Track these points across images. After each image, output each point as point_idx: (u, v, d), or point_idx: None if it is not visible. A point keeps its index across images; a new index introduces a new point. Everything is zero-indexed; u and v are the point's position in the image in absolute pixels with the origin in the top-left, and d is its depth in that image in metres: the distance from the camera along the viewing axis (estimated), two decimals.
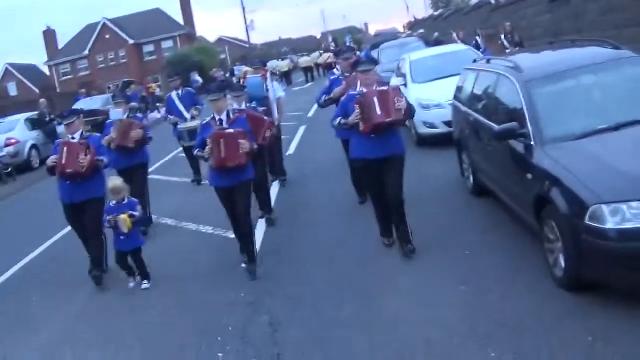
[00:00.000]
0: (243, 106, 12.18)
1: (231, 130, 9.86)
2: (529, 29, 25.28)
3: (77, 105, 39.08)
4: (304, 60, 61.64)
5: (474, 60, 12.19)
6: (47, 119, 29.21)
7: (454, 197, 11.68)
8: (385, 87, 9.64)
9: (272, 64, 66.61)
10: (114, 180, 10.53)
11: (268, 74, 15.14)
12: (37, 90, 73.23)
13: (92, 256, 11.05)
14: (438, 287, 8.08)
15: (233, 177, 9.97)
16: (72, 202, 10.94)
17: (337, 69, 13.66)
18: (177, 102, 17.30)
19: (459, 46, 20.39)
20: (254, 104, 12.79)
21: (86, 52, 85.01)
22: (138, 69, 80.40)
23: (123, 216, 10.06)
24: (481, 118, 10.22)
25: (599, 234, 6.42)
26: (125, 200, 10.42)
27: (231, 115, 10.25)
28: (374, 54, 33.44)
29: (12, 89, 78.86)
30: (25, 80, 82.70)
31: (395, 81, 18.51)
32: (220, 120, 10.12)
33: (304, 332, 7.67)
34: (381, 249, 9.88)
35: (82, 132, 11.08)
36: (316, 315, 8.08)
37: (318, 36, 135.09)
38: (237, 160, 9.76)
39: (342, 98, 10.39)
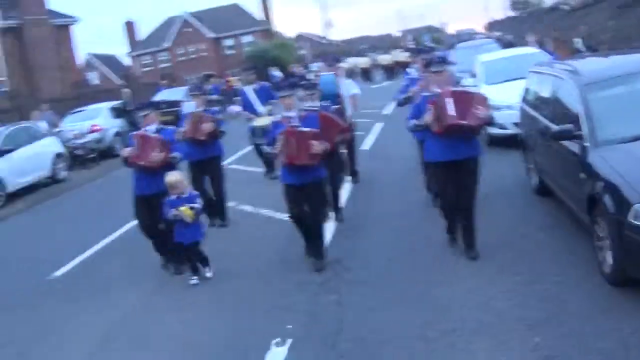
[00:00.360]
0: (316, 104, 12.08)
1: (303, 129, 9.84)
2: (598, 34, 25.43)
3: (158, 97, 40.38)
4: (384, 58, 61.82)
5: (539, 63, 12.51)
6: (130, 108, 30.28)
7: (517, 196, 12.11)
8: (466, 90, 9.63)
9: (352, 61, 67.39)
10: (171, 175, 10.42)
11: (341, 72, 14.99)
12: (118, 81, 74.90)
13: (168, 251, 11.17)
14: (494, 276, 8.58)
15: (304, 175, 9.93)
16: (144, 193, 11.00)
17: (414, 69, 13.69)
18: (251, 96, 17.21)
19: (530, 49, 20.69)
20: (326, 102, 12.57)
21: (167, 44, 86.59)
22: (218, 62, 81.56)
23: (183, 208, 10.08)
24: (543, 119, 10.65)
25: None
26: (186, 194, 10.37)
27: (302, 113, 10.28)
28: (452, 53, 33.93)
29: (94, 79, 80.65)
30: (106, 71, 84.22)
31: (468, 82, 18.98)
32: (291, 118, 10.10)
33: (366, 310, 8.30)
34: (442, 242, 10.07)
35: (157, 126, 11.19)
36: (378, 295, 8.71)
37: (397, 34, 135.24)
38: (307, 160, 9.72)
39: (417, 100, 10.07)
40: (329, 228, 11.76)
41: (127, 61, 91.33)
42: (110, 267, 12.19)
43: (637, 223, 6.87)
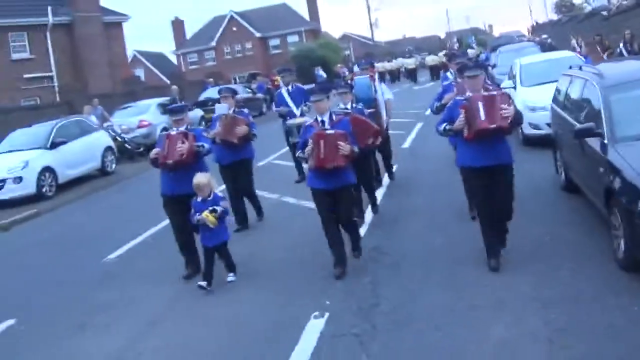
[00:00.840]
0: (349, 106, 12.49)
1: (332, 131, 9.81)
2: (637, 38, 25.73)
3: (205, 94, 41.30)
4: (431, 59, 62.69)
5: (570, 67, 13.09)
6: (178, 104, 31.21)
7: (546, 192, 12.71)
8: (493, 93, 9.26)
9: (399, 61, 68.09)
10: (197, 177, 10.36)
11: (376, 75, 14.80)
12: (163, 78, 75.99)
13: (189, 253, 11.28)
14: (517, 263, 9.22)
15: (333, 180, 9.91)
16: (173, 194, 11.05)
17: (451, 73, 13.78)
18: (287, 98, 17.12)
19: (566, 53, 21.23)
20: (360, 105, 12.81)
21: (213, 43, 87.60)
22: (263, 62, 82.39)
23: (205, 213, 10.05)
24: (570, 119, 11.27)
25: None
26: (211, 196, 10.34)
27: (334, 117, 10.24)
28: (493, 56, 34.42)
29: (140, 75, 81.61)
30: (152, 68, 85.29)
31: (506, 84, 19.58)
32: (323, 122, 10.11)
33: (399, 290, 9.10)
34: (474, 236, 9.93)
35: (187, 127, 11.23)
36: (410, 278, 9.46)
37: (442, 36, 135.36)
38: (336, 162, 9.66)
39: (449, 103, 9.94)
40: (364, 224, 12.26)
41: (173, 59, 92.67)
42: (156, 254, 12.96)
43: None
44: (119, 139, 27.27)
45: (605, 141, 9.03)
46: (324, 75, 55.45)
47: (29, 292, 11.81)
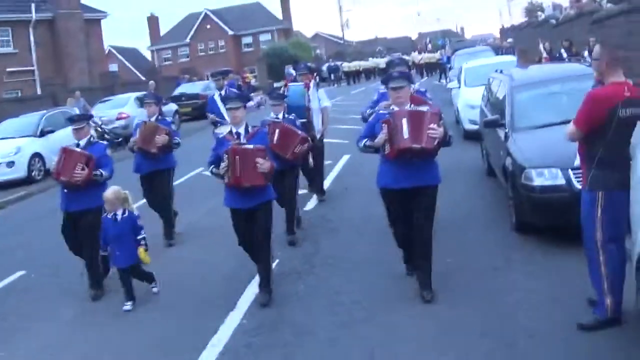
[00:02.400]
0: (280, 117, 12.13)
1: (249, 146, 9.11)
2: (579, 45, 27.75)
3: (179, 90, 43.46)
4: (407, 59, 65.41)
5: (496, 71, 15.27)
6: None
7: (473, 176, 15.03)
8: (421, 108, 8.57)
9: (374, 60, 70.31)
10: (108, 191, 9.98)
11: (312, 83, 14.42)
12: (137, 73, 77.62)
13: (89, 274, 10.72)
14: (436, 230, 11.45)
15: (251, 198, 9.21)
16: (68, 210, 10.64)
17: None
18: (219, 103, 15.14)
19: (507, 57, 23.54)
20: (292, 116, 12.37)
21: (187, 40, 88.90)
22: (236, 59, 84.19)
23: (141, 253, 9.80)
24: (488, 113, 13.53)
25: (530, 188, 9.73)
26: (126, 214, 9.90)
27: (250, 129, 9.49)
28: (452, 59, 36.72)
29: (115, 70, 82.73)
30: (126, 63, 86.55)
31: (453, 84, 21.86)
32: (238, 134, 9.37)
33: (336, 244, 11.39)
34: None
35: (89, 138, 10.71)
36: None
37: (414, 37, 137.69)
38: (254, 181, 9.01)
39: (371, 118, 9.25)
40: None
41: (147, 55, 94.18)
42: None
43: (526, 183, 9.74)
44: (99, 129, 29.14)
45: (507, 130, 11.28)
46: (294, 73, 57.13)
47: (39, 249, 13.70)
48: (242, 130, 9.38)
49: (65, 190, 10.58)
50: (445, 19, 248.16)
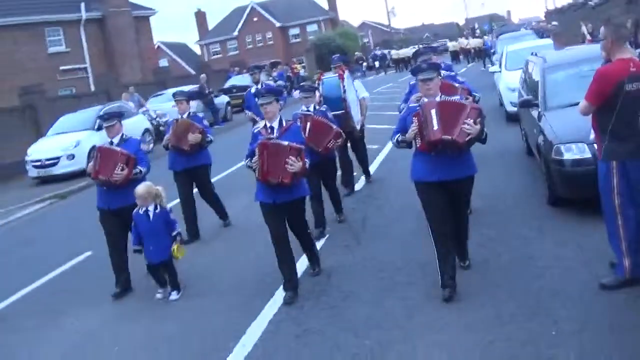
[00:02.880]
0: (312, 109, 12.01)
1: (278, 141, 9.00)
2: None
3: (229, 82, 44.45)
4: (452, 45, 66.42)
5: (532, 54, 15.82)
6: (206, 92, 34.33)
7: (513, 155, 15.61)
8: (452, 98, 8.48)
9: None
10: (138, 187, 10.02)
11: (346, 74, 14.16)
12: (187, 67, 78.89)
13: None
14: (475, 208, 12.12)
15: (281, 194, 9.14)
16: (109, 208, 10.68)
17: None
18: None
19: (547, 40, 23.87)
20: (324, 107, 12.41)
21: (235, 33, 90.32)
22: (284, 50, 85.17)
23: (174, 249, 9.95)
24: (524, 94, 14.14)
25: (560, 163, 10.35)
26: (158, 209, 10.00)
27: (284, 123, 9.40)
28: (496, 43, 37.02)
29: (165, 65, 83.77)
30: (176, 58, 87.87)
31: (494, 68, 22.42)
32: (272, 128, 9.28)
33: (381, 219, 12.15)
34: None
35: (122, 135, 10.79)
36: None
37: (461, 23, 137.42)
38: (281, 178, 8.87)
39: (402, 112, 8.99)
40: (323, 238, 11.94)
41: (195, 49, 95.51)
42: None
43: (556, 157, 10.36)
44: (154, 122, 30.23)
45: (540, 110, 11.92)
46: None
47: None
48: (275, 124, 9.29)
49: (105, 188, 10.65)
50: (491, 2, 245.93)
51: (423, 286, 8.86)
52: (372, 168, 16.74)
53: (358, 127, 14.42)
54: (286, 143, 8.92)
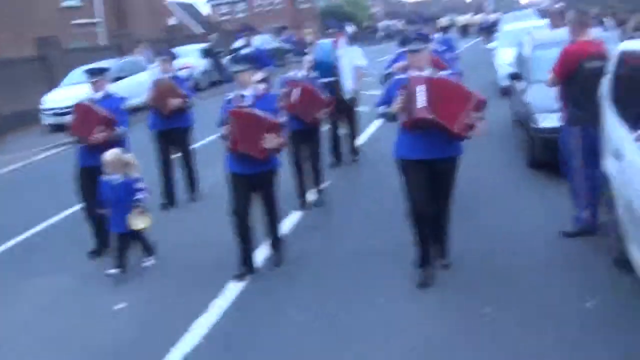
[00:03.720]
0: (300, 75, 11.47)
1: (255, 112, 8.56)
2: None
3: (237, 44, 45.25)
4: (463, 19, 67.29)
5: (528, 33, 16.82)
6: (216, 51, 35.59)
7: (503, 125, 16.43)
8: (451, 81, 7.95)
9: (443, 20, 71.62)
10: (108, 154, 9.48)
11: (342, 40, 13.72)
12: (196, 27, 79.57)
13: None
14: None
15: (253, 164, 8.67)
16: (85, 166, 10.35)
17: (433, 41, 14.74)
18: None
19: (543, 21, 24.91)
20: (315, 74, 12.00)
21: None
22: (292, 15, 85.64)
23: (131, 219, 9.41)
24: (514, 69, 15.31)
25: (539, 130, 11.62)
26: (122, 178, 9.47)
27: (258, 92, 8.95)
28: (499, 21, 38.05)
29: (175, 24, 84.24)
30: (185, 17, 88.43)
31: (492, 45, 23.61)
32: (244, 97, 8.85)
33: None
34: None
35: (106, 91, 10.57)
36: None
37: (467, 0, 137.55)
38: (253, 150, 8.49)
39: (390, 81, 8.53)
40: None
41: (205, 9, 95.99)
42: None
43: (535, 125, 11.67)
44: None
45: (526, 83, 13.16)
46: (353, 30, 58.48)
47: None
48: (248, 92, 8.83)
49: (83, 145, 10.38)
50: None
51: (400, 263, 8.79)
52: (368, 133, 17.25)
53: (348, 96, 13.81)
54: (264, 116, 8.51)
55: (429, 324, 7.29)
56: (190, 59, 34.25)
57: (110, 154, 9.39)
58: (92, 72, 10.57)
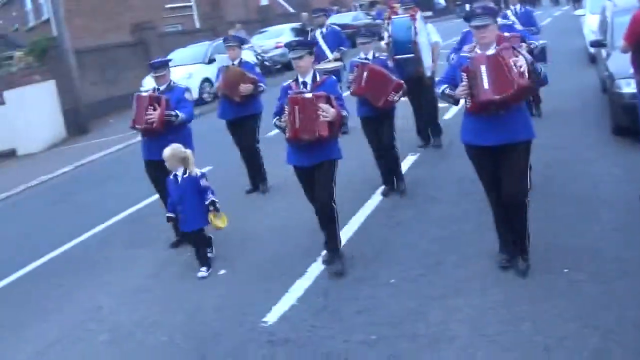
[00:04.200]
0: (370, 57, 11.01)
1: (309, 95, 8.14)
2: None
3: (329, 20, 45.74)
4: None
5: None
6: (308, 29, 36.13)
7: (589, 92, 16.77)
8: (504, 47, 7.11)
9: None
10: (165, 149, 9.43)
11: (418, 15, 13.01)
12: (286, 5, 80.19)
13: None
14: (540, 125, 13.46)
15: (313, 155, 8.34)
16: (150, 159, 10.47)
17: (512, 12, 15.02)
18: (320, 40, 16.30)
19: None
20: (384, 56, 11.59)
21: None
22: None
23: (210, 219, 9.33)
24: (598, 36, 15.58)
25: (620, 96, 11.92)
26: (186, 174, 9.38)
27: (318, 78, 8.52)
28: None
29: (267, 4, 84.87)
30: None
31: (580, 12, 23.63)
32: (304, 84, 8.46)
33: None
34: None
35: (170, 83, 10.54)
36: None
37: None
38: (315, 132, 8.01)
39: (453, 60, 8.36)
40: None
41: None
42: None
43: (617, 91, 11.97)
44: (259, 57, 32.03)
45: (608, 49, 13.42)
46: (443, 3, 58.18)
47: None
48: (308, 79, 8.47)
49: (146, 138, 10.53)
50: None
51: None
52: (449, 115, 16.21)
53: (429, 73, 13.07)
54: (310, 94, 8.16)
55: (512, 282, 7.68)
56: (283, 37, 34.90)
57: (169, 148, 9.37)
58: (157, 66, 10.51)
